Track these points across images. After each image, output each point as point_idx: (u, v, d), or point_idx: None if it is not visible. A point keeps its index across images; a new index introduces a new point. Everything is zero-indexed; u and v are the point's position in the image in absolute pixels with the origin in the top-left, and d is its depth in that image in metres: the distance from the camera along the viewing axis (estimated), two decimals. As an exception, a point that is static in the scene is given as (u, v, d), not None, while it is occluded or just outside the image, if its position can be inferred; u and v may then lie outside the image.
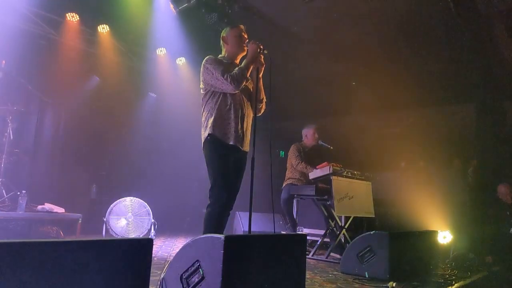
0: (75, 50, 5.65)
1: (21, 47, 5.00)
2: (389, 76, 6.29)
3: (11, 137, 4.27)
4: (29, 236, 4.42)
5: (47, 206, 4.32)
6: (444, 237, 4.91)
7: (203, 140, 2.81)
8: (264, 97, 3.04)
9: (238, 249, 1.78)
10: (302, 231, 5.25)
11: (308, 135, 5.11)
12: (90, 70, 6.25)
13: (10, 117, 4.35)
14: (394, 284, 2.81)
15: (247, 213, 2.66)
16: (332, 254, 4.36)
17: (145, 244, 1.48)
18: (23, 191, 4.01)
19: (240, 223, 5.41)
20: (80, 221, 4.22)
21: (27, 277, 1.20)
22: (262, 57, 2.87)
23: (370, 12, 4.93)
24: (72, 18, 5.56)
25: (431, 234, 4.11)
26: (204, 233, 2.65)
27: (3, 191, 4.22)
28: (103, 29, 5.86)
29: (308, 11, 5.12)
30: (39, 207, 4.28)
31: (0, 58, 4.42)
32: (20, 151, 4.56)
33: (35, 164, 4.54)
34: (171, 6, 5.35)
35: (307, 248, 4.02)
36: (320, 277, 3.23)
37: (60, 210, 4.39)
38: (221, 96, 2.80)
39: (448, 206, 5.96)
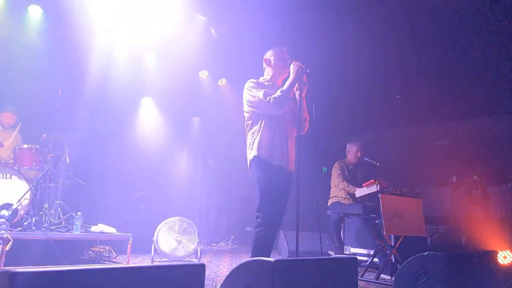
0: (125, 76, 5.96)
1: (75, 77, 5.36)
2: (435, 87, 6.08)
3: (68, 161, 4.53)
4: (84, 256, 4.63)
5: (100, 226, 4.51)
6: (505, 257, 4.59)
7: (248, 162, 2.84)
8: (308, 116, 3.04)
9: (288, 274, 1.76)
10: (349, 250, 5.10)
11: (351, 151, 5.01)
12: (140, 94, 6.56)
13: (66, 143, 4.62)
14: (452, 310, 2.65)
15: (293, 232, 2.64)
16: (382, 275, 4.19)
17: (198, 270, 1.50)
18: (79, 213, 4.22)
19: (285, 242, 5.35)
20: (130, 241, 4.35)
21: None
22: (305, 76, 2.87)
23: (412, 24, 4.83)
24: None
25: (490, 254, 3.84)
26: (253, 253, 2.67)
27: (60, 212, 4.46)
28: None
29: (347, 22, 5.09)
30: (93, 227, 4.48)
31: (57, 88, 4.74)
32: (76, 174, 4.82)
33: (89, 186, 4.79)
34: (212, 30, 5.54)
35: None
36: (372, 300, 3.12)
37: (112, 230, 4.56)
38: (264, 117, 2.83)
39: (506, 222, 5.58)
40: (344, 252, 4.92)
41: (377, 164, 4.78)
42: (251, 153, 2.82)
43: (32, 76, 5.06)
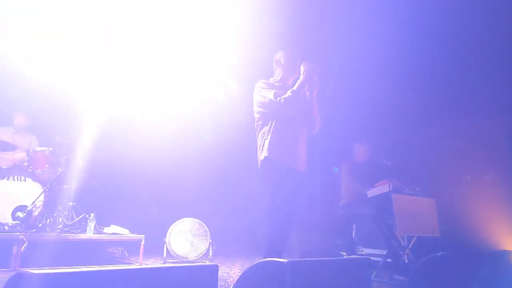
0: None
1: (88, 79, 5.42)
2: (449, 85, 6.00)
3: (81, 163, 4.59)
4: (97, 257, 4.68)
5: (113, 227, 4.55)
6: (521, 257, 4.50)
7: (259, 162, 2.84)
8: (318, 116, 3.03)
9: (301, 274, 1.75)
10: (361, 251, 5.07)
11: (359, 152, 4.97)
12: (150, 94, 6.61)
13: (80, 145, 4.68)
14: (467, 310, 2.61)
15: (304, 233, 2.63)
16: (395, 276, 4.15)
17: (211, 270, 1.51)
18: (92, 214, 4.26)
19: (297, 243, 5.32)
20: (143, 242, 4.38)
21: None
22: (316, 76, 2.87)
23: (425, 22, 4.78)
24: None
25: (505, 254, 3.78)
26: (265, 253, 2.66)
27: (74, 214, 4.51)
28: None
29: (357, 21, 5.06)
30: (106, 228, 4.52)
31: (71, 91, 4.80)
32: (88, 176, 4.87)
33: (102, 188, 4.85)
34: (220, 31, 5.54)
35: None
36: (385, 301, 3.09)
37: (125, 231, 4.60)
38: (275, 118, 2.83)
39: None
40: (357, 252, 4.89)
41: (390, 163, 4.74)
42: (261, 154, 2.82)
43: (46, 79, 5.13)
